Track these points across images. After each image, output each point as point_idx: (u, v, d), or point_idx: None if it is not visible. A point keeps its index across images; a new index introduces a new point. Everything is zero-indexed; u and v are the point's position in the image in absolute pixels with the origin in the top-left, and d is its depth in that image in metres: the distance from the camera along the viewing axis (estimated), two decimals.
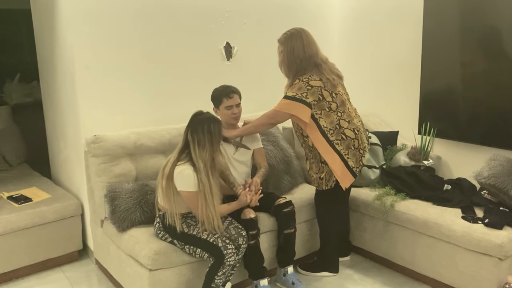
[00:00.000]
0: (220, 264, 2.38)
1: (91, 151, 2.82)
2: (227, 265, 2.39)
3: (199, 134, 2.40)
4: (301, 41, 2.71)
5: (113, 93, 3.06)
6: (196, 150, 2.39)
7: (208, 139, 2.40)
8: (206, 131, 2.40)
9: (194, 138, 2.40)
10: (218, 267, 2.39)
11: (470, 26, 3.11)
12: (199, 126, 2.42)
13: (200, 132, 2.40)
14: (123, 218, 2.66)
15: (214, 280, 2.40)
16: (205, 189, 2.37)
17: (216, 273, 2.39)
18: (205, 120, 2.45)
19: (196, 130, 2.41)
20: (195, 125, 2.43)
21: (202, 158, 2.38)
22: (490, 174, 2.76)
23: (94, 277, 3.07)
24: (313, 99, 2.65)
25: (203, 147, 2.39)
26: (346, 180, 2.73)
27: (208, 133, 2.40)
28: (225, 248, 2.39)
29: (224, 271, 2.40)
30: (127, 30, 3.05)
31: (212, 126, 2.42)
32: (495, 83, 3.02)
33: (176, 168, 2.40)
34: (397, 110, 3.77)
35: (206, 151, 2.39)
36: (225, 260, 2.37)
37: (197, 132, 2.40)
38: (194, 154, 2.39)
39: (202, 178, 2.37)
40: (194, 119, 2.47)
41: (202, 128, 2.41)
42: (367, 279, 3.00)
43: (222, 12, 3.46)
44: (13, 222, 2.93)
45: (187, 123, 2.48)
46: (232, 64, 3.58)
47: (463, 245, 2.59)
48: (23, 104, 5.18)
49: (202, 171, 2.37)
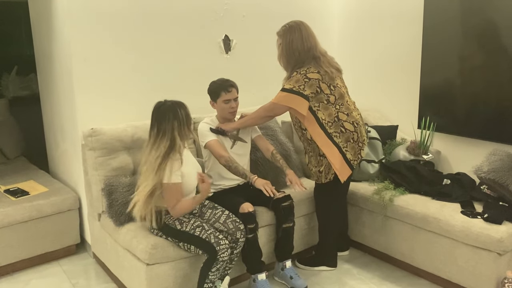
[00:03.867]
0: (214, 260, 2.36)
1: (88, 145, 2.81)
2: (220, 261, 2.36)
3: (167, 125, 2.37)
4: (300, 33, 2.69)
5: (111, 86, 3.04)
6: (164, 142, 2.36)
7: (175, 126, 2.38)
8: (172, 119, 2.37)
9: (160, 130, 2.37)
10: (211, 263, 2.37)
11: (470, 22, 3.10)
12: (164, 116, 2.38)
13: (168, 122, 2.37)
14: (120, 212, 2.64)
15: (208, 276, 2.38)
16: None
17: (209, 269, 2.37)
18: (169, 107, 2.41)
19: (161, 122, 2.38)
20: (160, 116, 2.40)
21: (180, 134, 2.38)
22: (489, 169, 2.74)
23: (91, 271, 3.07)
24: (310, 91, 2.63)
25: (169, 137, 2.37)
26: (344, 173, 2.73)
27: (175, 119, 2.38)
28: (218, 244, 2.36)
29: (218, 267, 2.38)
30: (124, 23, 3.02)
31: (179, 111, 2.40)
32: (495, 77, 3.00)
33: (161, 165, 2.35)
34: (397, 105, 3.75)
35: (172, 140, 2.37)
36: (218, 256, 2.35)
37: (163, 123, 2.38)
38: (164, 144, 2.36)
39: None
40: (157, 111, 2.43)
41: (168, 118, 2.37)
42: (366, 273, 3.00)
43: (220, 4, 3.44)
44: (10, 215, 2.92)
45: (154, 117, 2.43)
46: (231, 57, 3.56)
47: (462, 240, 2.58)
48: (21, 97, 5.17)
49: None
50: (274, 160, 2.85)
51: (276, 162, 2.84)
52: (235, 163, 2.68)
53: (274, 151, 2.88)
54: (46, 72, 3.50)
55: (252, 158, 3.06)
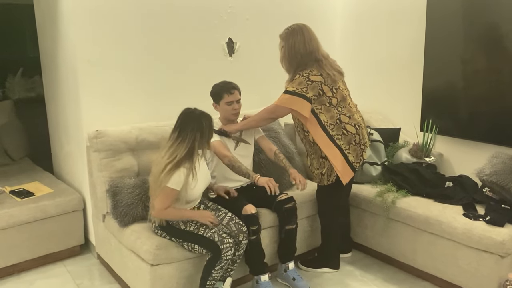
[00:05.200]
0: (217, 259, 2.38)
1: (93, 146, 2.83)
2: (224, 260, 2.38)
3: (190, 134, 2.37)
4: (302, 36, 2.71)
5: (115, 88, 3.06)
6: (184, 148, 2.36)
7: (197, 137, 2.37)
8: (196, 129, 2.37)
9: (182, 136, 2.37)
10: (215, 262, 2.39)
11: (473, 24, 3.10)
12: (189, 125, 2.39)
13: (193, 130, 2.37)
14: (124, 213, 2.66)
15: (211, 274, 2.40)
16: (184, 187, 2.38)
17: (213, 268, 2.39)
18: (196, 117, 2.41)
19: (185, 129, 2.38)
20: (185, 124, 2.40)
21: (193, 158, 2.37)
22: (492, 172, 2.75)
23: (95, 272, 3.09)
24: (313, 94, 2.65)
25: (189, 145, 2.36)
26: (346, 175, 2.74)
27: (198, 131, 2.38)
28: (222, 242, 2.38)
29: (221, 265, 2.40)
30: (129, 25, 3.05)
31: (203, 123, 2.40)
32: (498, 80, 3.01)
33: (171, 171, 2.35)
34: (399, 107, 3.76)
35: (191, 150, 2.37)
36: (222, 255, 2.37)
37: (187, 131, 2.37)
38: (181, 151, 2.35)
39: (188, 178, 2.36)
40: (184, 117, 2.44)
41: (193, 127, 2.38)
42: (368, 275, 3.01)
43: (224, 7, 3.45)
44: (15, 216, 2.94)
45: (179, 122, 2.44)
46: (234, 60, 3.58)
47: (464, 242, 2.58)
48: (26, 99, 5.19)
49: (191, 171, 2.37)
50: (277, 160, 2.87)
51: (279, 162, 2.86)
52: (238, 163, 2.69)
53: (277, 151, 2.89)
54: (51, 74, 3.52)
55: (255, 159, 3.07)
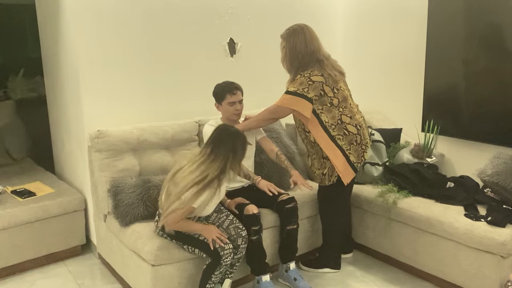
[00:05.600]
0: (217, 265, 2.37)
1: (95, 146, 2.83)
2: (223, 265, 2.38)
3: (227, 152, 2.30)
4: (304, 36, 2.71)
5: (117, 89, 3.07)
6: (216, 164, 2.29)
7: (228, 156, 2.31)
8: (230, 148, 2.32)
9: (215, 153, 2.31)
10: (215, 267, 2.38)
11: (474, 25, 3.10)
12: (224, 143, 2.33)
13: (226, 149, 2.31)
14: (126, 213, 2.66)
15: (211, 278, 2.40)
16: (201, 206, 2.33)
17: (212, 272, 2.39)
18: (231, 135, 2.36)
19: (218, 146, 2.32)
20: (219, 138, 2.34)
21: (219, 177, 2.30)
22: (493, 172, 2.75)
23: (97, 272, 3.09)
24: (314, 94, 2.65)
25: (222, 165, 2.30)
26: (347, 176, 2.74)
27: (230, 151, 2.32)
28: (222, 249, 2.37)
29: (220, 270, 2.39)
30: (131, 25, 3.05)
31: (238, 144, 2.34)
32: (499, 81, 3.00)
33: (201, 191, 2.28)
34: (400, 108, 3.76)
35: (222, 168, 2.31)
36: (221, 261, 2.36)
37: (225, 150, 2.31)
38: (213, 170, 2.28)
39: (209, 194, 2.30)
40: (219, 132, 2.38)
41: (227, 145, 2.32)
42: (369, 276, 3.01)
43: (226, 7, 3.46)
44: (17, 216, 2.94)
45: (213, 137, 2.37)
46: (236, 60, 3.58)
47: (466, 243, 2.58)
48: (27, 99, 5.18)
49: (215, 188, 2.31)
50: (279, 161, 2.87)
51: (281, 163, 2.86)
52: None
53: (278, 152, 2.89)
54: (53, 74, 3.53)
55: (256, 159, 3.07)
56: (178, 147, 3.08)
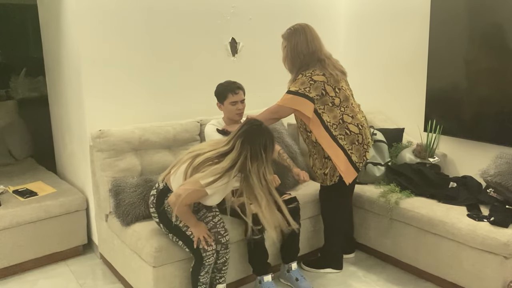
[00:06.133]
0: (200, 265, 2.37)
1: (96, 146, 2.83)
2: (207, 265, 2.37)
3: (253, 145, 2.23)
4: (305, 36, 2.70)
5: (118, 88, 3.06)
6: (241, 159, 2.22)
7: (259, 152, 2.24)
8: (258, 144, 2.23)
9: (246, 147, 2.22)
10: (199, 268, 2.38)
11: (477, 24, 3.10)
12: (253, 136, 2.25)
13: (253, 143, 2.24)
14: (127, 213, 2.66)
15: (199, 280, 2.40)
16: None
17: (199, 274, 2.39)
18: (260, 130, 2.28)
19: (250, 140, 2.23)
20: (249, 134, 2.26)
21: (256, 173, 2.24)
22: (496, 172, 2.74)
23: (98, 271, 3.09)
24: (316, 94, 2.64)
25: (256, 160, 2.23)
26: (349, 175, 2.73)
27: (260, 146, 2.24)
28: (204, 250, 2.35)
29: (206, 270, 2.38)
30: (132, 25, 3.05)
31: (267, 140, 2.26)
32: (502, 80, 3.00)
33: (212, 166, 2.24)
34: (403, 107, 3.75)
35: (258, 164, 2.24)
36: (204, 261, 2.35)
37: (251, 143, 2.23)
38: (229, 161, 2.22)
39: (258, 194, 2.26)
40: (249, 127, 2.29)
41: (254, 140, 2.24)
42: (371, 276, 3.00)
43: (227, 7, 3.45)
44: (18, 216, 2.95)
45: (241, 128, 2.29)
46: (238, 59, 3.58)
47: (468, 243, 2.57)
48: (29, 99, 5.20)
49: (257, 186, 2.25)
50: (281, 160, 2.86)
51: (283, 161, 2.85)
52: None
53: (281, 151, 2.89)
54: (55, 74, 3.53)
55: None
56: (179, 147, 3.08)
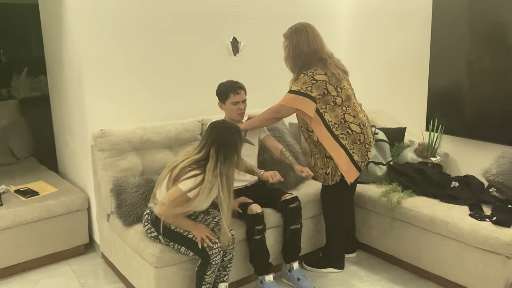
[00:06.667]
0: (207, 265, 2.35)
1: (98, 146, 2.83)
2: (214, 264, 2.35)
3: (226, 150, 2.29)
4: (307, 35, 2.70)
5: (120, 88, 3.06)
6: (219, 166, 2.27)
7: (233, 153, 2.31)
8: (232, 146, 2.31)
9: (220, 154, 2.28)
10: (205, 267, 2.36)
11: (479, 24, 3.09)
12: (225, 140, 2.31)
13: (226, 147, 2.29)
14: (129, 213, 2.66)
15: (205, 279, 2.38)
16: (223, 203, 2.31)
17: (205, 273, 2.37)
18: (229, 132, 2.35)
19: (222, 146, 2.29)
20: (221, 139, 2.31)
21: (227, 175, 2.30)
22: (498, 172, 2.73)
23: (100, 271, 3.09)
24: (317, 93, 2.64)
25: (228, 163, 2.29)
26: (351, 175, 2.72)
27: (234, 147, 2.32)
28: (210, 248, 2.34)
29: (212, 269, 2.36)
30: (134, 25, 3.05)
31: (237, 138, 2.34)
32: (503, 80, 2.99)
33: (189, 173, 2.28)
34: (405, 107, 3.75)
35: (230, 166, 2.31)
36: (211, 260, 2.33)
37: (223, 148, 2.29)
38: (212, 170, 2.26)
39: (222, 194, 2.29)
40: (218, 132, 2.35)
41: (228, 143, 2.31)
42: (373, 275, 2.99)
43: (229, 7, 3.45)
44: (20, 215, 2.95)
45: (209, 135, 2.34)
46: (239, 59, 3.57)
47: (470, 243, 2.57)
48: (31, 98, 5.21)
49: (225, 187, 2.30)
50: (283, 158, 2.86)
51: (285, 159, 2.85)
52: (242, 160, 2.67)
53: (283, 149, 2.88)
54: (56, 73, 3.53)
55: (259, 159, 3.07)
56: (181, 146, 3.07)
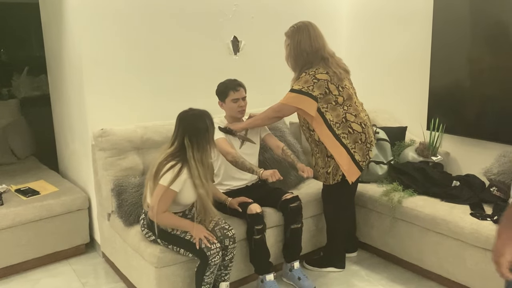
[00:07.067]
0: (206, 265, 2.34)
1: (98, 145, 2.83)
2: (212, 265, 2.34)
3: (199, 137, 2.31)
4: (308, 34, 2.69)
5: (120, 87, 3.06)
6: (195, 154, 2.31)
7: (206, 138, 2.34)
8: (203, 131, 2.32)
9: (194, 142, 2.31)
10: (204, 268, 2.35)
11: (480, 23, 3.08)
12: (195, 128, 2.32)
13: (199, 134, 2.31)
14: (129, 213, 2.66)
15: (204, 280, 2.38)
16: (204, 191, 2.33)
17: (204, 274, 2.36)
18: (198, 118, 2.35)
19: (194, 134, 2.31)
20: (191, 127, 2.33)
21: (202, 161, 2.32)
22: (499, 171, 2.73)
23: (101, 270, 3.09)
24: (319, 92, 2.63)
25: (202, 149, 2.32)
26: (353, 174, 2.72)
27: (206, 131, 2.33)
28: (208, 249, 2.32)
29: (211, 270, 2.35)
30: (134, 24, 3.04)
31: (207, 121, 2.35)
32: (504, 79, 2.98)
33: (166, 166, 2.31)
34: (406, 106, 3.74)
35: (205, 152, 2.34)
36: (209, 261, 2.32)
37: (196, 136, 2.31)
38: (193, 159, 2.30)
39: (201, 181, 2.31)
40: (187, 121, 2.35)
41: (199, 129, 2.32)
42: (374, 275, 2.99)
43: (229, 6, 3.44)
44: (20, 215, 2.95)
45: (179, 125, 2.36)
46: (240, 58, 3.57)
47: (472, 242, 2.56)
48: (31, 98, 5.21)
49: (202, 175, 2.32)
50: (285, 156, 2.84)
51: (287, 157, 2.83)
52: (242, 159, 2.66)
53: (284, 147, 2.87)
54: (57, 73, 3.53)
55: (260, 159, 3.06)
56: None
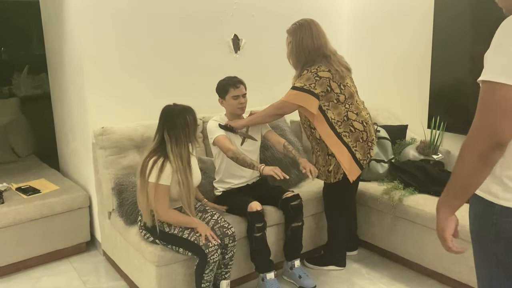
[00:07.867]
0: (205, 263, 2.33)
1: (99, 143, 2.83)
2: (211, 263, 2.33)
3: (177, 131, 2.33)
4: (310, 32, 2.68)
5: (121, 86, 3.06)
6: (174, 148, 2.33)
7: (186, 133, 2.35)
8: (183, 126, 2.34)
9: (172, 136, 2.34)
10: (203, 266, 2.35)
11: (480, 21, 3.07)
12: (174, 123, 2.34)
13: (177, 128, 2.34)
14: (130, 211, 2.66)
15: (203, 277, 2.37)
16: (184, 187, 2.34)
17: (203, 272, 2.36)
18: (178, 113, 2.37)
19: (172, 128, 2.34)
20: (170, 122, 2.36)
21: (181, 156, 2.34)
22: None
23: (101, 269, 3.09)
24: (321, 90, 2.63)
25: (180, 143, 2.35)
26: (354, 173, 2.72)
27: (186, 126, 2.35)
28: (207, 246, 2.32)
29: (210, 268, 2.35)
30: (134, 22, 3.04)
31: (188, 117, 2.37)
32: None
33: (149, 162, 2.34)
34: (406, 104, 3.73)
35: (184, 147, 2.36)
36: (208, 258, 2.32)
37: (174, 130, 2.34)
38: (172, 153, 2.33)
39: (181, 176, 2.33)
40: (167, 115, 2.39)
41: (177, 124, 2.34)
42: (375, 273, 2.99)
43: (230, 4, 3.44)
44: (21, 213, 2.95)
45: (159, 120, 2.41)
46: (240, 56, 3.57)
47: None
48: (32, 96, 5.21)
49: (181, 169, 2.34)
50: (286, 152, 2.83)
51: (288, 153, 2.82)
52: (243, 155, 2.64)
53: (286, 143, 2.85)
54: (57, 71, 3.53)
55: (260, 157, 3.06)
56: None
